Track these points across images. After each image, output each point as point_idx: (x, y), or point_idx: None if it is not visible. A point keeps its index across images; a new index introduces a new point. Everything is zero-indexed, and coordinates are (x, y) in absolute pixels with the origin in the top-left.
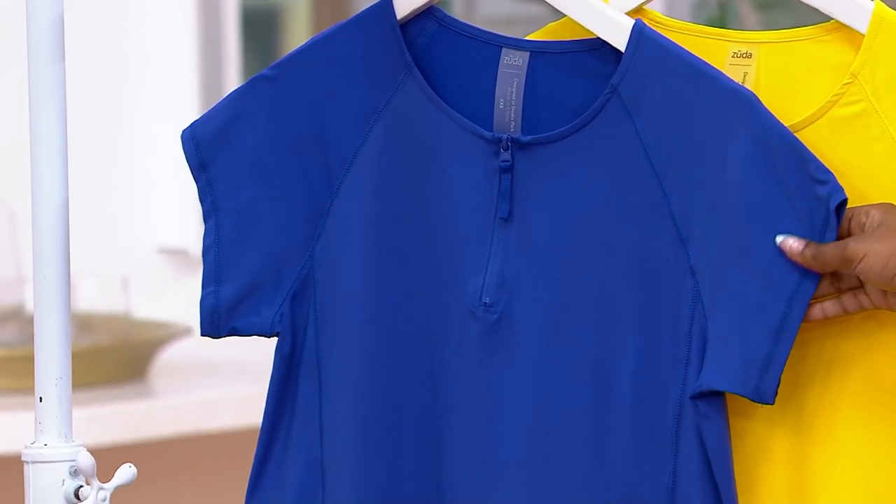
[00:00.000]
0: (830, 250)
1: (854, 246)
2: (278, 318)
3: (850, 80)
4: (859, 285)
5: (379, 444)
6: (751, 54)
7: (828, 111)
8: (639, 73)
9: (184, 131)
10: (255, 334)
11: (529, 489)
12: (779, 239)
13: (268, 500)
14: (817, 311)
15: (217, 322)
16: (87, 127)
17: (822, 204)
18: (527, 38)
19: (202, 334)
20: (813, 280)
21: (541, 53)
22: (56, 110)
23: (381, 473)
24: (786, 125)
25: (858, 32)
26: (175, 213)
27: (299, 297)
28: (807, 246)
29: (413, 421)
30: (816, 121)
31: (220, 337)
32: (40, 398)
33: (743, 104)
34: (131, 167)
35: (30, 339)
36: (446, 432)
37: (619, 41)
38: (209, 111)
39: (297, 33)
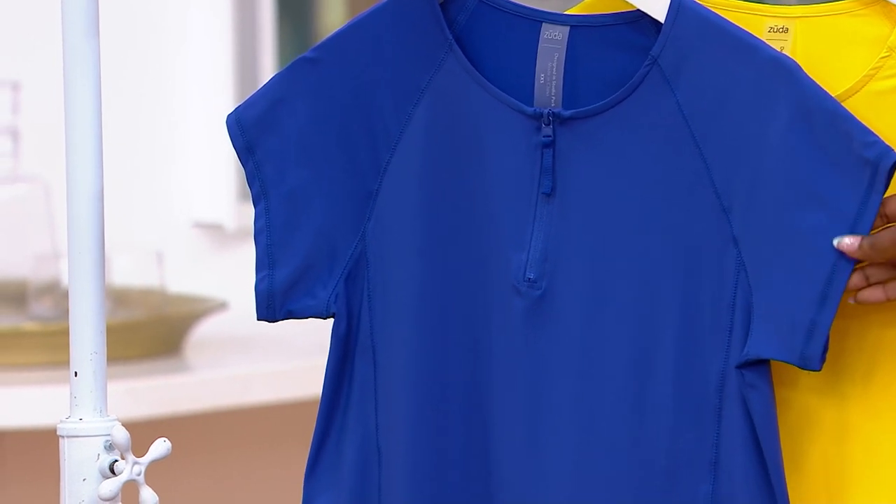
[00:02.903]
0: (886, 236)
1: None
2: (333, 298)
3: (888, 54)
4: None
5: (428, 424)
6: (787, 29)
7: (865, 85)
8: (678, 44)
9: (228, 116)
10: (311, 316)
11: (573, 463)
12: (835, 242)
13: (326, 480)
14: (860, 277)
15: (273, 306)
16: (121, 103)
17: (868, 166)
18: (566, 12)
19: (259, 318)
20: None
21: (581, 27)
22: (91, 85)
23: (431, 453)
24: None
25: (895, 6)
26: (210, 188)
27: (353, 277)
28: (862, 239)
29: (461, 399)
30: (853, 95)
31: (276, 321)
32: (75, 373)
33: (784, 72)
34: (166, 142)
35: (65, 313)
36: (492, 409)
37: (659, 12)
38: (253, 95)
39: (333, 12)
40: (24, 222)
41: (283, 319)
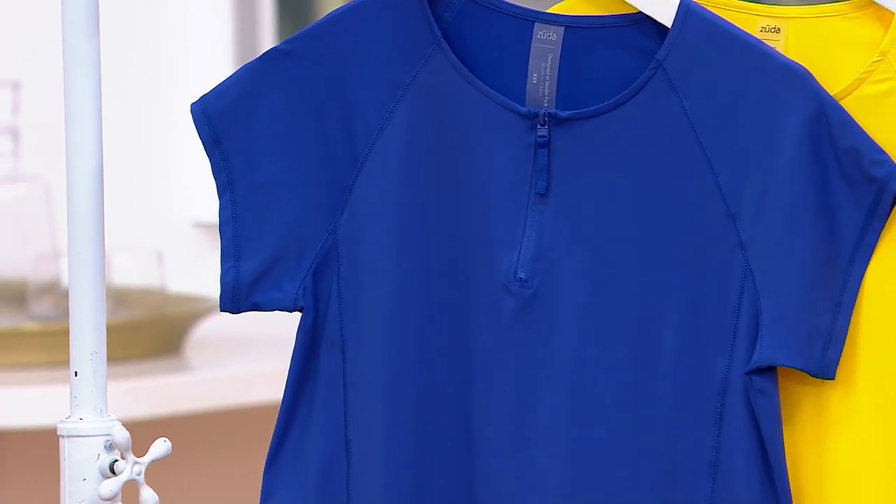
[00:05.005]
0: None
1: None
2: (301, 292)
3: (880, 58)
4: None
5: (408, 422)
6: (779, 29)
7: (856, 88)
8: (686, 49)
9: (193, 105)
10: (278, 309)
11: (565, 468)
12: None
13: (288, 472)
14: None
15: (238, 298)
16: (121, 102)
17: (874, 185)
18: (558, 8)
19: (221, 310)
20: (866, 252)
21: (577, 28)
22: (91, 85)
23: (410, 451)
24: None
25: (888, 10)
26: (210, 187)
27: (321, 271)
28: None
29: (443, 397)
30: (844, 98)
31: (239, 312)
32: (75, 372)
33: (797, 80)
34: (166, 142)
35: (65, 313)
36: (477, 409)
37: (665, 16)
38: (221, 84)
39: (333, 3)
40: (24, 222)
41: (246, 311)
